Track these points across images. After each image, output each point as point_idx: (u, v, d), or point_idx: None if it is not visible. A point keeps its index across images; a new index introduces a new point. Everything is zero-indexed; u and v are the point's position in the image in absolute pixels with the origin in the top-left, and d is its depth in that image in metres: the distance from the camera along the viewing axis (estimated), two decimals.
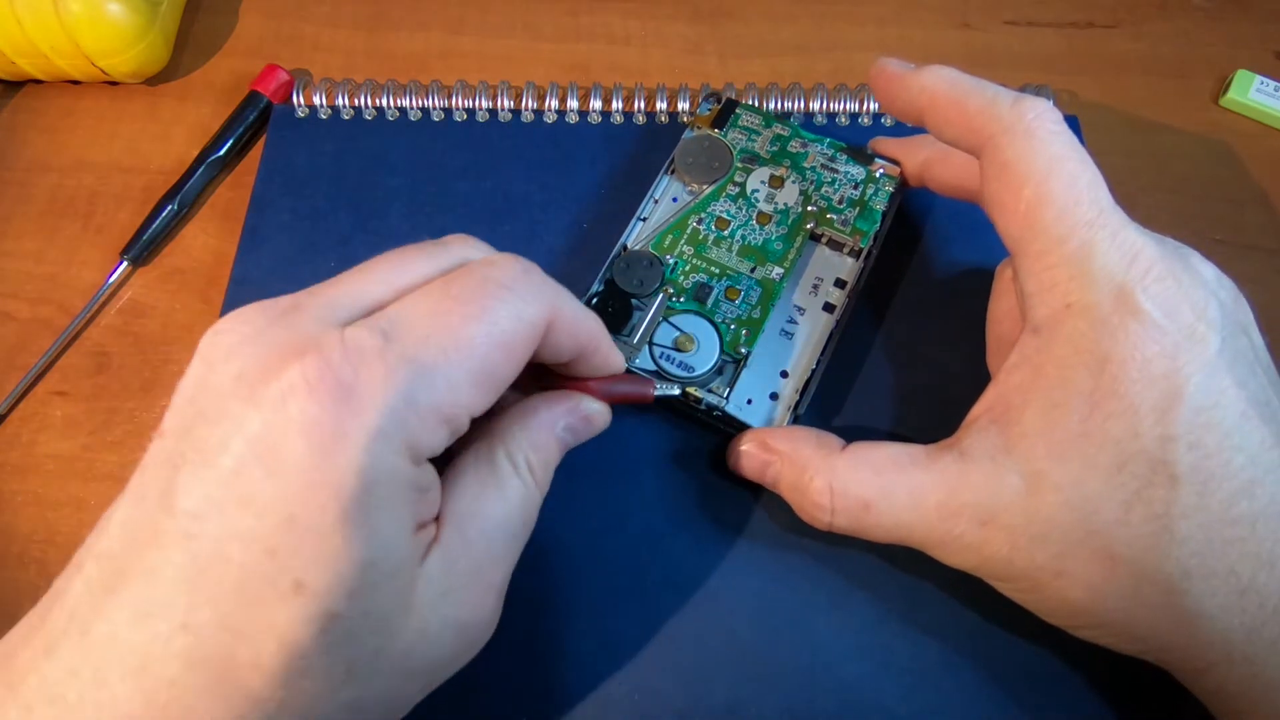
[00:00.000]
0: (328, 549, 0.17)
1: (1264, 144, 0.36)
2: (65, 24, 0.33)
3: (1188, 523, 0.21)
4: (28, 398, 0.31)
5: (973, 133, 0.24)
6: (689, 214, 0.31)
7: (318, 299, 0.20)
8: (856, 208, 0.31)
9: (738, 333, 0.29)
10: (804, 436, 0.26)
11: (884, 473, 0.24)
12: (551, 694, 0.26)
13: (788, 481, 0.25)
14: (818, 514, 0.25)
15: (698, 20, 0.39)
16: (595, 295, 0.29)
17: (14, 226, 0.34)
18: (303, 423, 0.17)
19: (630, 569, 0.27)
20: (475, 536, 0.21)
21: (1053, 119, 0.23)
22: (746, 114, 0.33)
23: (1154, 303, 0.21)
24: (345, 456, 0.17)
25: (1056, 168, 0.22)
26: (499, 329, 0.20)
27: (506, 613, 0.27)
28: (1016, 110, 0.23)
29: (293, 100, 0.35)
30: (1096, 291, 0.21)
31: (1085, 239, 0.22)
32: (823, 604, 0.27)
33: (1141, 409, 0.21)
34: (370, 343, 0.18)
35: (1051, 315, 0.22)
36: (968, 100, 0.24)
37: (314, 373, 0.18)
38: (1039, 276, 0.22)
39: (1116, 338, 0.21)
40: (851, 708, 0.26)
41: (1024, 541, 0.22)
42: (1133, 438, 0.21)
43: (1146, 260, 0.22)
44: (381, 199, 0.33)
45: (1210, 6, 0.39)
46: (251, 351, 0.18)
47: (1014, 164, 0.23)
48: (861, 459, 0.24)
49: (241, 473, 0.17)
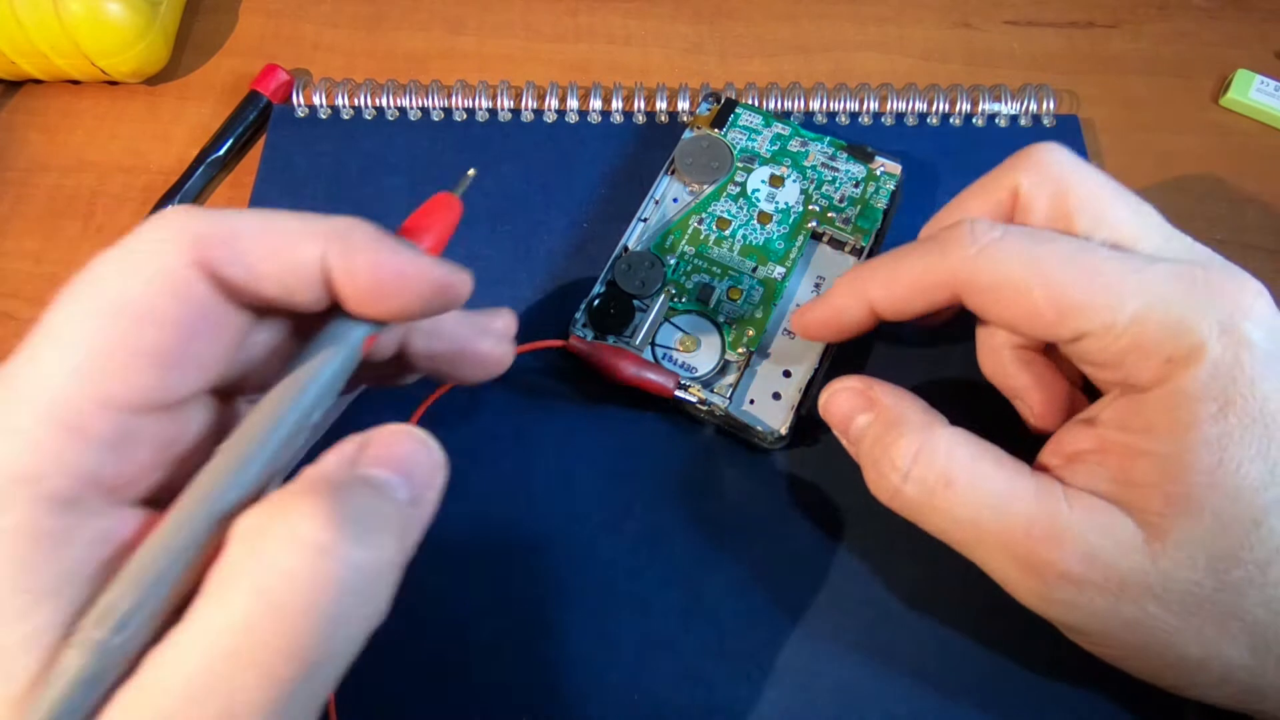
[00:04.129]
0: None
1: (1264, 144, 0.36)
2: (65, 24, 0.33)
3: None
4: None
5: (940, 288, 0.23)
6: (690, 214, 0.31)
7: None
8: (857, 206, 0.31)
9: (740, 333, 0.29)
10: (908, 397, 0.24)
11: (983, 460, 0.22)
12: (551, 694, 0.26)
13: (873, 435, 0.23)
14: (890, 475, 0.22)
15: (698, 20, 0.39)
16: (597, 297, 0.29)
17: (14, 226, 0.34)
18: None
19: (630, 569, 0.27)
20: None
21: (985, 226, 0.22)
22: (746, 113, 0.33)
23: (1259, 328, 0.19)
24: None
25: (1048, 253, 0.21)
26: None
27: (507, 612, 0.27)
28: (958, 248, 0.22)
29: (293, 100, 0.35)
30: (1197, 335, 0.19)
31: (1139, 291, 0.20)
32: (823, 605, 0.27)
33: (1273, 453, 0.19)
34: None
35: (1153, 376, 0.20)
36: (908, 275, 0.23)
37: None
38: (1109, 350, 0.20)
39: (1234, 377, 0.19)
40: (851, 708, 0.26)
41: (1137, 591, 0.20)
42: (1271, 485, 0.19)
43: (1225, 281, 0.20)
44: (381, 199, 0.33)
45: (1210, 6, 0.39)
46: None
47: (1004, 284, 0.21)
48: (964, 438, 0.22)
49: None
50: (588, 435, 0.29)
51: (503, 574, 0.27)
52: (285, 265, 0.17)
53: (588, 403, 0.30)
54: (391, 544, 0.16)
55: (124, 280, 0.16)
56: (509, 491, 0.28)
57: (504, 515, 0.28)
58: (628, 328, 0.29)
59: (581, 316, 0.29)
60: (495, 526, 0.28)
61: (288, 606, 0.14)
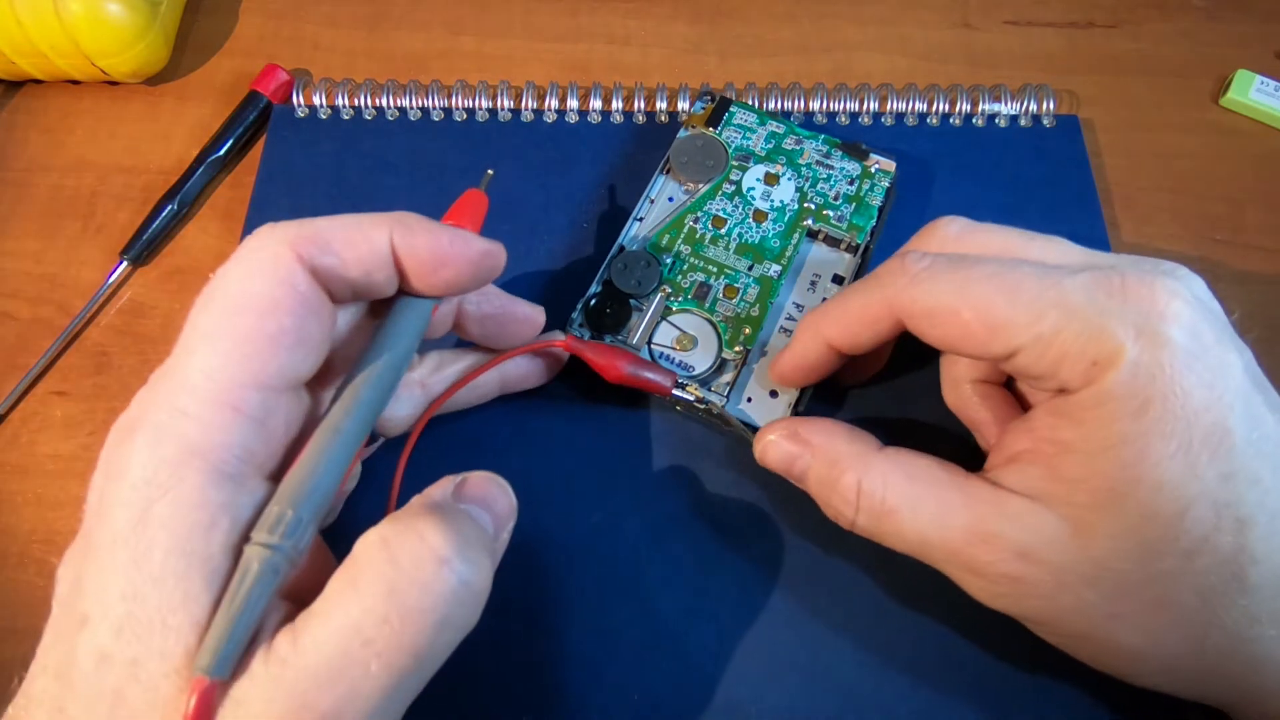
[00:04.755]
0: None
1: (1264, 144, 0.36)
2: (65, 24, 0.33)
3: (1258, 568, 0.20)
4: (28, 398, 0.31)
5: (883, 319, 0.24)
6: (685, 213, 0.31)
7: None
8: (852, 203, 0.31)
9: (737, 331, 0.29)
10: (838, 430, 0.25)
11: (916, 481, 0.23)
12: (551, 694, 0.26)
13: (816, 475, 0.24)
14: (843, 510, 0.24)
15: (698, 20, 0.39)
16: (594, 296, 0.29)
17: (14, 226, 0.34)
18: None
19: (630, 569, 0.27)
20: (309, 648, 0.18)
21: (915, 257, 0.23)
22: (741, 112, 0.33)
23: (1180, 328, 0.20)
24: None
25: (972, 276, 0.22)
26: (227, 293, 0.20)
27: (507, 612, 0.27)
28: (892, 279, 0.23)
29: (293, 100, 0.35)
30: (1115, 338, 0.20)
31: (1059, 302, 0.21)
32: (823, 604, 0.27)
33: (1194, 448, 0.20)
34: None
35: (1081, 380, 0.21)
36: (855, 311, 0.24)
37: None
38: (1041, 362, 0.21)
39: (1154, 376, 0.20)
40: (851, 707, 0.26)
41: (1072, 580, 0.21)
42: (1191, 479, 0.20)
43: (1141, 285, 0.21)
44: (381, 199, 0.33)
45: (1210, 6, 0.39)
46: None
47: (936, 308, 0.22)
48: (896, 462, 0.23)
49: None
50: (586, 435, 0.29)
51: (503, 574, 0.27)
52: (363, 251, 0.21)
53: (586, 402, 0.30)
54: (488, 565, 0.19)
55: (247, 281, 0.20)
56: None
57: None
58: (624, 327, 0.29)
59: (578, 316, 0.29)
60: None
61: (414, 607, 0.17)
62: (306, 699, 0.17)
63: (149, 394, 0.19)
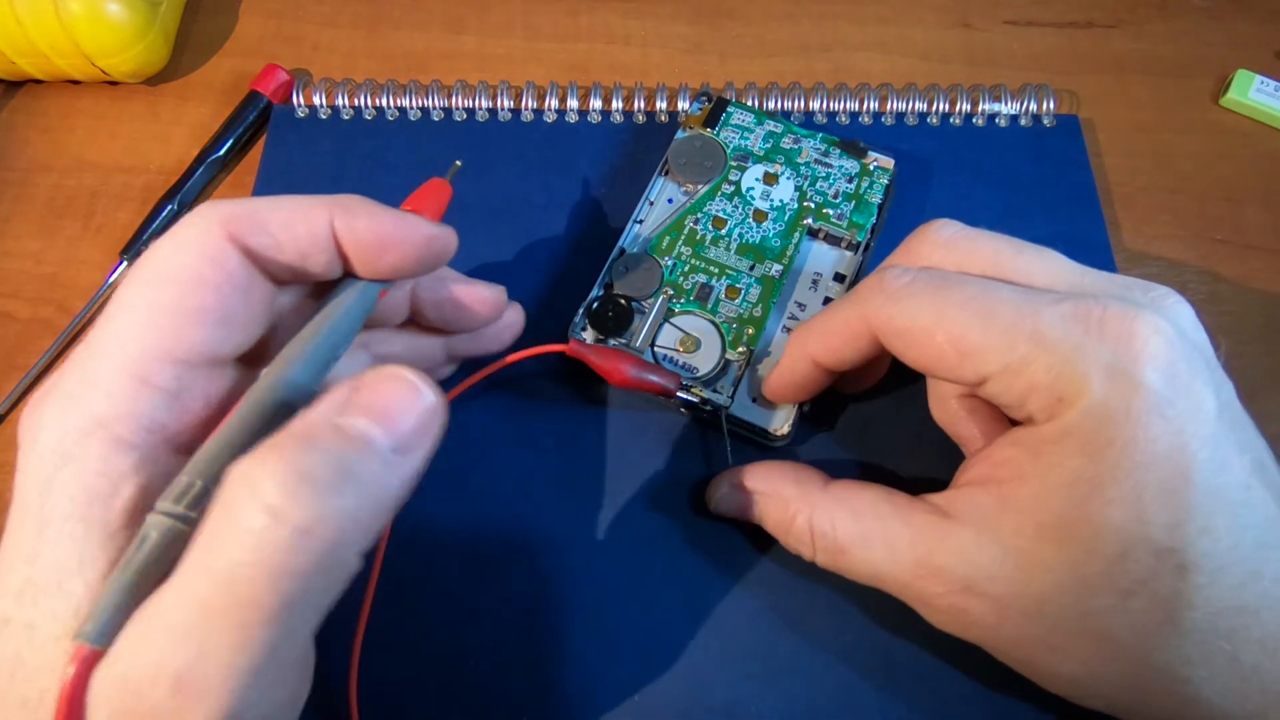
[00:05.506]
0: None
1: (1264, 144, 0.36)
2: (65, 24, 0.33)
3: (1193, 614, 0.20)
4: (28, 398, 0.31)
5: (863, 336, 0.24)
6: (685, 214, 0.31)
7: None
8: (852, 201, 0.31)
9: (740, 331, 0.29)
10: (782, 474, 0.25)
11: (862, 518, 0.23)
12: (551, 694, 0.26)
13: (773, 519, 0.25)
14: (802, 550, 0.25)
15: (698, 20, 0.39)
16: (595, 300, 0.29)
17: (14, 226, 0.34)
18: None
19: (630, 569, 0.27)
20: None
21: (895, 273, 0.23)
22: (738, 112, 0.33)
23: (1154, 370, 0.20)
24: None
25: (950, 299, 0.22)
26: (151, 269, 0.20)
27: (507, 612, 0.27)
28: (872, 296, 0.23)
29: (293, 100, 0.35)
30: (1081, 377, 0.20)
31: (1033, 333, 0.20)
32: (823, 604, 0.27)
33: (1146, 494, 0.19)
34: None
35: (1047, 413, 0.21)
36: (836, 328, 0.24)
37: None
38: (1010, 391, 0.21)
39: (1119, 421, 0.20)
40: (851, 708, 0.26)
41: (1013, 614, 0.21)
42: (1137, 523, 0.20)
43: (1121, 322, 0.20)
44: (381, 199, 0.33)
45: (1210, 6, 0.39)
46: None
47: (912, 329, 0.22)
48: (841, 500, 0.24)
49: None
50: (589, 437, 0.29)
51: (503, 574, 0.27)
52: (300, 232, 0.21)
53: (588, 404, 0.30)
54: (354, 498, 0.17)
55: (174, 256, 0.20)
56: (510, 492, 0.28)
57: (505, 516, 0.28)
58: (627, 330, 0.29)
59: (581, 320, 0.29)
60: (496, 527, 0.28)
61: (248, 565, 0.16)
62: (162, 661, 0.16)
63: (68, 363, 0.19)
